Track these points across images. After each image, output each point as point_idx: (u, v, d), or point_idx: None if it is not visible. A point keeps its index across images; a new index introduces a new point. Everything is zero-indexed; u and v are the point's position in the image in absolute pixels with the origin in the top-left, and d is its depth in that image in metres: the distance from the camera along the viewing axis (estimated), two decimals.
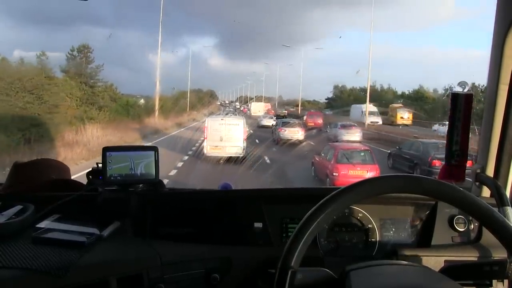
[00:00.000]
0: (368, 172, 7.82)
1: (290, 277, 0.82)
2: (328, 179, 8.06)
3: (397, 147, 10.69)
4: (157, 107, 18.48)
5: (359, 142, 11.77)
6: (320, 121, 15.48)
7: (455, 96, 1.28)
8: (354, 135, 12.84)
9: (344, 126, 13.68)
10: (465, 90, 1.28)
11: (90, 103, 15.83)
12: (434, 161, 8.51)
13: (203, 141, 8.84)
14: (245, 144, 8.12)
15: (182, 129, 17.25)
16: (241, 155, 8.11)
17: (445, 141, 1.31)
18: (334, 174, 7.90)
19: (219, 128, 7.78)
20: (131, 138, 13.62)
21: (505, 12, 1.24)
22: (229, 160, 8.28)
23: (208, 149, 8.52)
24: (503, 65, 1.26)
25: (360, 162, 8.28)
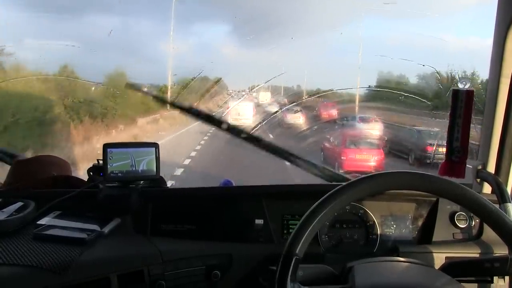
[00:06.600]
0: (373, 156, 8.72)
1: (294, 265, 0.81)
2: (336, 163, 8.64)
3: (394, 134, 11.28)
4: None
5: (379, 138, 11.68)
6: (334, 112, 15.10)
7: (456, 92, 1.28)
8: (373, 129, 12.35)
9: (363, 119, 12.87)
10: (466, 87, 1.27)
11: None
12: (427, 147, 9.42)
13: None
14: (254, 117, 11.66)
15: None
16: (252, 123, 10.92)
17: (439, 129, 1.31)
18: (342, 158, 8.58)
19: (236, 107, 11.52)
20: None
21: (507, 6, 1.23)
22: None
23: (231, 120, 12.02)
24: (505, 59, 1.25)
25: (366, 147, 9.03)
